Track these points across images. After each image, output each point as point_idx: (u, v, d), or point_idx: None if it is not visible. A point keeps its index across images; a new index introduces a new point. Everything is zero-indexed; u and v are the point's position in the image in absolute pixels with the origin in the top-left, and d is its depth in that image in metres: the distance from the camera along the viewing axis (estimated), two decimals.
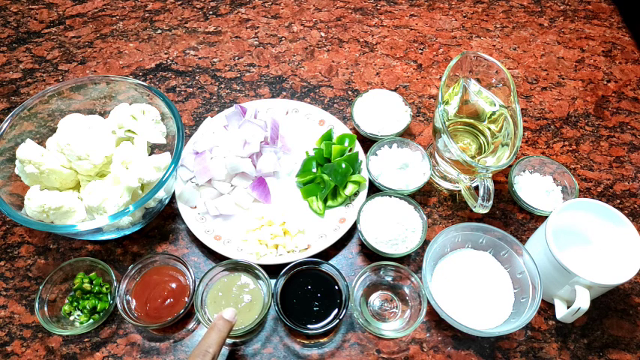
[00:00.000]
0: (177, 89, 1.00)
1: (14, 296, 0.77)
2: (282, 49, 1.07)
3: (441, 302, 0.69)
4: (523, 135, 0.92)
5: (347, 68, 1.04)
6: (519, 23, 1.12)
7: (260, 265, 0.73)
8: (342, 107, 0.98)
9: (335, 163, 0.82)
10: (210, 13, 1.13)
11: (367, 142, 0.90)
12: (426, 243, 0.79)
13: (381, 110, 0.89)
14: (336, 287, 0.73)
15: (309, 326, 0.70)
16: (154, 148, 0.87)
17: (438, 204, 0.86)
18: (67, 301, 0.75)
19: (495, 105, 0.82)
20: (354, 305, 0.70)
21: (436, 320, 0.74)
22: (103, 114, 0.86)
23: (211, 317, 0.71)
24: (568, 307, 0.71)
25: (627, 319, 0.76)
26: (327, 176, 0.82)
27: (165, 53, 1.06)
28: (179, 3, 1.15)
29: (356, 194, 0.83)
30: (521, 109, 0.97)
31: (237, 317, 0.63)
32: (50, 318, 0.72)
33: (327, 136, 0.89)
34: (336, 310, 0.71)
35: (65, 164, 0.78)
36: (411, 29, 1.11)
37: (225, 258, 0.76)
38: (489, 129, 0.83)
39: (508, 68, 1.04)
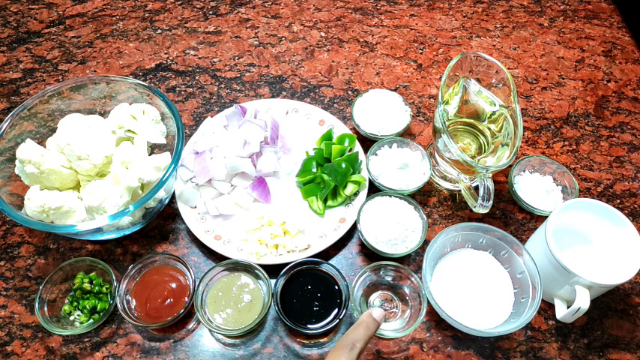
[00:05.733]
0: (177, 89, 1.00)
1: (14, 296, 0.77)
2: (282, 49, 1.07)
3: (441, 302, 0.69)
4: (523, 135, 0.92)
5: (347, 68, 1.04)
6: (519, 23, 1.12)
7: (260, 265, 0.73)
8: (342, 107, 0.98)
9: (335, 163, 0.82)
10: (210, 13, 1.13)
11: (367, 142, 0.90)
12: (426, 243, 0.79)
13: (381, 110, 0.89)
14: (336, 287, 0.73)
15: (309, 326, 0.70)
16: (154, 148, 0.87)
17: (438, 204, 0.86)
18: (67, 301, 0.75)
19: (495, 105, 0.82)
20: (354, 305, 0.70)
21: (436, 320, 0.74)
22: (103, 114, 0.86)
23: (211, 317, 0.71)
24: (568, 307, 0.71)
25: (627, 319, 0.76)
26: (327, 176, 0.82)
27: (165, 53, 1.06)
28: (179, 3, 1.15)
29: (356, 194, 0.83)
30: (521, 109, 0.97)
31: (383, 319, 0.62)
32: (50, 318, 0.72)
33: (327, 136, 0.89)
34: (336, 310, 0.71)
35: (65, 164, 0.78)
36: (411, 29, 1.11)
37: (225, 258, 0.76)
38: (489, 129, 0.83)
39: (508, 68, 1.04)
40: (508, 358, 0.72)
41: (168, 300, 0.73)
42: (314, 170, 0.85)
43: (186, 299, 0.72)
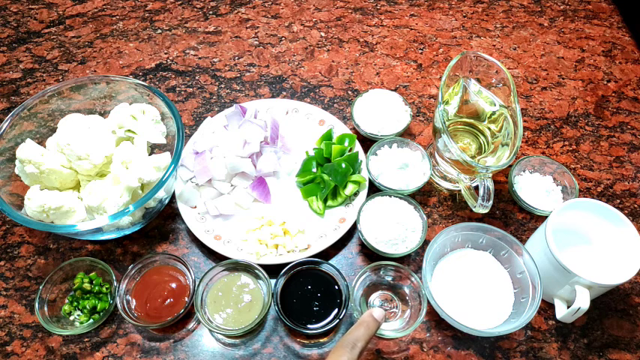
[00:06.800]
0: (177, 89, 1.00)
1: (14, 296, 0.77)
2: (282, 49, 1.07)
3: (441, 302, 0.69)
4: (523, 135, 0.92)
5: (347, 68, 1.04)
6: (519, 23, 1.12)
7: (260, 265, 0.73)
8: (342, 107, 0.98)
9: (335, 163, 0.82)
10: (210, 13, 1.13)
11: (367, 142, 0.90)
12: (426, 243, 0.79)
13: (381, 110, 0.89)
14: (336, 287, 0.73)
15: (309, 326, 0.70)
16: (154, 148, 0.87)
17: (438, 204, 0.86)
18: (67, 301, 0.75)
19: (495, 105, 0.82)
20: (354, 305, 0.70)
21: (436, 320, 0.74)
22: (103, 114, 0.86)
23: (211, 317, 0.71)
24: (568, 307, 0.71)
25: (627, 319, 0.76)
26: (327, 176, 0.82)
27: (165, 53, 1.06)
28: (179, 3, 1.15)
29: (356, 194, 0.83)
30: (521, 109, 0.97)
31: (383, 319, 0.63)
32: (50, 318, 0.72)
33: (327, 136, 0.89)
34: (336, 310, 0.71)
35: (65, 164, 0.78)
36: (411, 29, 1.11)
37: (225, 258, 0.76)
38: (489, 129, 0.83)
39: (508, 68, 1.04)
40: (508, 358, 0.72)
41: (168, 300, 0.73)
42: (314, 170, 0.85)
43: (186, 299, 0.72)
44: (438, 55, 1.06)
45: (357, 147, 0.87)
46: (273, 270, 0.74)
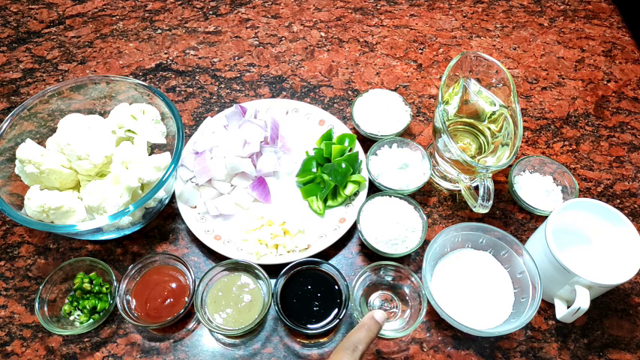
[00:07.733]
0: (177, 89, 1.00)
1: (14, 296, 0.77)
2: (282, 49, 1.07)
3: (441, 302, 0.69)
4: (523, 135, 0.92)
5: (347, 68, 1.04)
6: (519, 23, 1.12)
7: (260, 265, 0.73)
8: (342, 107, 0.98)
9: (335, 163, 0.82)
10: (210, 13, 1.13)
11: (367, 142, 0.90)
12: (426, 243, 0.79)
13: (381, 110, 0.89)
14: (336, 287, 0.73)
15: (309, 326, 0.70)
16: (154, 148, 0.87)
17: (438, 204, 0.86)
18: (67, 301, 0.75)
19: (495, 105, 0.82)
20: (354, 305, 0.70)
21: (436, 320, 0.74)
22: (103, 114, 0.86)
23: (211, 317, 0.71)
24: (568, 307, 0.71)
25: (627, 319, 0.76)
26: (327, 176, 0.82)
27: (165, 53, 1.06)
28: (179, 3, 1.15)
29: (356, 194, 0.83)
30: (521, 109, 0.96)
31: (385, 321, 0.62)
32: (50, 318, 0.72)
33: (327, 136, 0.89)
34: (336, 310, 0.71)
35: (65, 164, 0.78)
36: (411, 29, 1.11)
37: (225, 258, 0.76)
38: (489, 129, 0.83)
39: (508, 68, 1.04)
40: (508, 358, 0.72)
41: (169, 300, 0.73)
42: (314, 170, 0.85)
43: (186, 299, 0.72)
44: (438, 55, 1.06)
45: (357, 147, 0.87)
46: (273, 270, 0.74)
